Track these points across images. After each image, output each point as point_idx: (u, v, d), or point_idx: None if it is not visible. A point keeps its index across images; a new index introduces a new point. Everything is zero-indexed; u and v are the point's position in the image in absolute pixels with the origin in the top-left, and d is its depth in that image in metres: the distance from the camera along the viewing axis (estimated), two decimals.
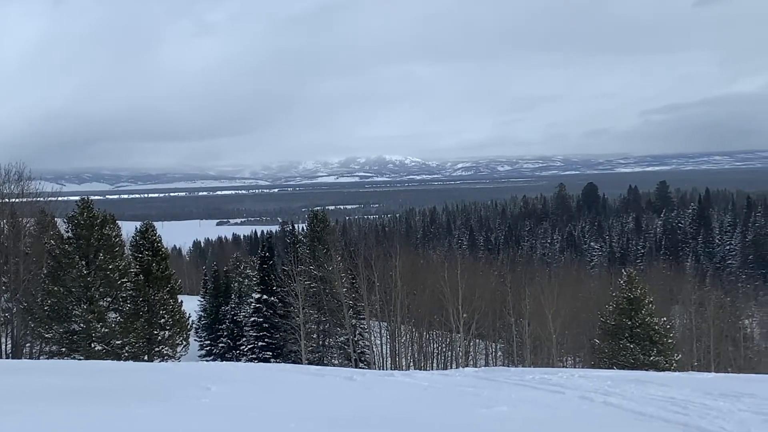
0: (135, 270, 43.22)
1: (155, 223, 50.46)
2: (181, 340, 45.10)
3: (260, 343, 55.61)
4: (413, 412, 12.03)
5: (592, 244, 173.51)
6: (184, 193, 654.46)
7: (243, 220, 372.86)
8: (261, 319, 55.75)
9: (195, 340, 63.08)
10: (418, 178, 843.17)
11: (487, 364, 60.13)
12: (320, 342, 55.70)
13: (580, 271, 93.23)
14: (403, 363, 55.86)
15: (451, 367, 53.12)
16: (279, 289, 53.83)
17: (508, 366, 51.70)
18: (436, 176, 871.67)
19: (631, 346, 39.62)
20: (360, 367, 47.70)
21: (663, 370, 34.80)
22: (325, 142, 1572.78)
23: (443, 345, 62.60)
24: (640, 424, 10.91)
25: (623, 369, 33.77)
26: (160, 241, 47.20)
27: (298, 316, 50.56)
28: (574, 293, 61.94)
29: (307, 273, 53.49)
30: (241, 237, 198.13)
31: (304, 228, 68.36)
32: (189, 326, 46.77)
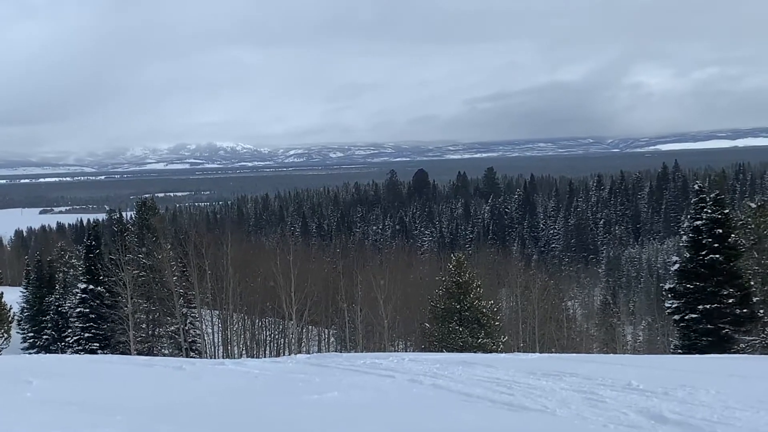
0: None
1: None
2: (1, 333, 43.46)
3: (87, 335, 53.96)
4: (242, 401, 11.92)
5: (422, 229, 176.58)
6: (4, 181, 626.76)
7: (68, 208, 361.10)
8: (87, 310, 54.09)
9: (17, 332, 60.95)
10: (249, 164, 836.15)
11: (319, 351, 60.33)
12: (150, 332, 54.53)
13: (411, 256, 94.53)
14: (236, 351, 55.48)
15: (284, 354, 53.06)
16: (106, 279, 52.34)
17: (341, 352, 52.03)
18: (268, 163, 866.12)
19: (460, 329, 40.41)
20: (191, 357, 47.08)
21: (490, 352, 35.70)
22: (154, 128, 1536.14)
23: (276, 332, 62.56)
24: (466, 405, 11.14)
25: (453, 352, 34.48)
26: None
27: (126, 306, 49.36)
28: (405, 278, 62.84)
29: (135, 262, 52.28)
30: (66, 226, 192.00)
31: (133, 216, 66.83)
32: (10, 318, 45.14)
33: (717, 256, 30.97)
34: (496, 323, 43.26)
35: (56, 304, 60.47)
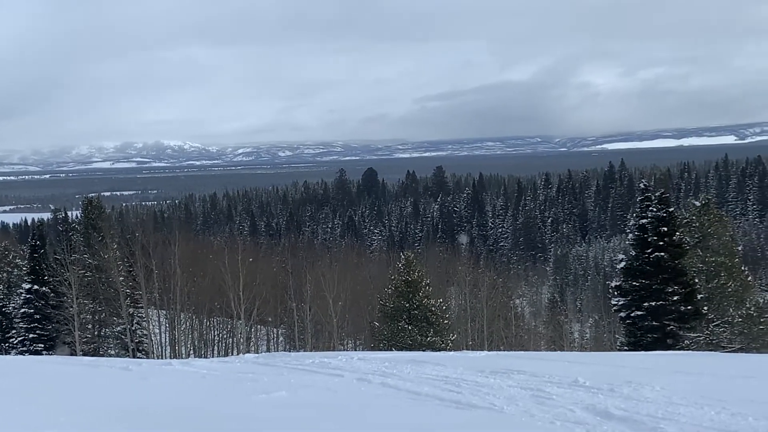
0: None
1: None
2: None
3: (31, 335, 53.22)
4: (189, 401, 11.82)
5: (372, 228, 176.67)
6: None
7: (12, 207, 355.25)
8: (32, 311, 53.35)
9: None
10: (197, 163, 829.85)
11: (268, 350, 60.13)
12: (96, 332, 53.97)
13: (361, 255, 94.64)
14: (183, 351, 55.06)
15: (233, 354, 52.79)
16: (51, 279, 51.71)
17: (290, 351, 51.87)
18: (216, 162, 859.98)
19: (409, 327, 40.46)
20: (138, 357, 46.64)
21: (439, 350, 35.81)
22: (100, 126, 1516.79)
23: (224, 332, 62.18)
24: (415, 404, 11.16)
25: (402, 350, 34.54)
26: None
27: (71, 307, 48.80)
28: (354, 277, 62.83)
29: (81, 262, 51.69)
30: (10, 225, 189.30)
31: (78, 215, 66.07)
32: None
33: (662, 253, 31.38)
34: (445, 321, 43.38)
35: (0, 304, 59.59)
